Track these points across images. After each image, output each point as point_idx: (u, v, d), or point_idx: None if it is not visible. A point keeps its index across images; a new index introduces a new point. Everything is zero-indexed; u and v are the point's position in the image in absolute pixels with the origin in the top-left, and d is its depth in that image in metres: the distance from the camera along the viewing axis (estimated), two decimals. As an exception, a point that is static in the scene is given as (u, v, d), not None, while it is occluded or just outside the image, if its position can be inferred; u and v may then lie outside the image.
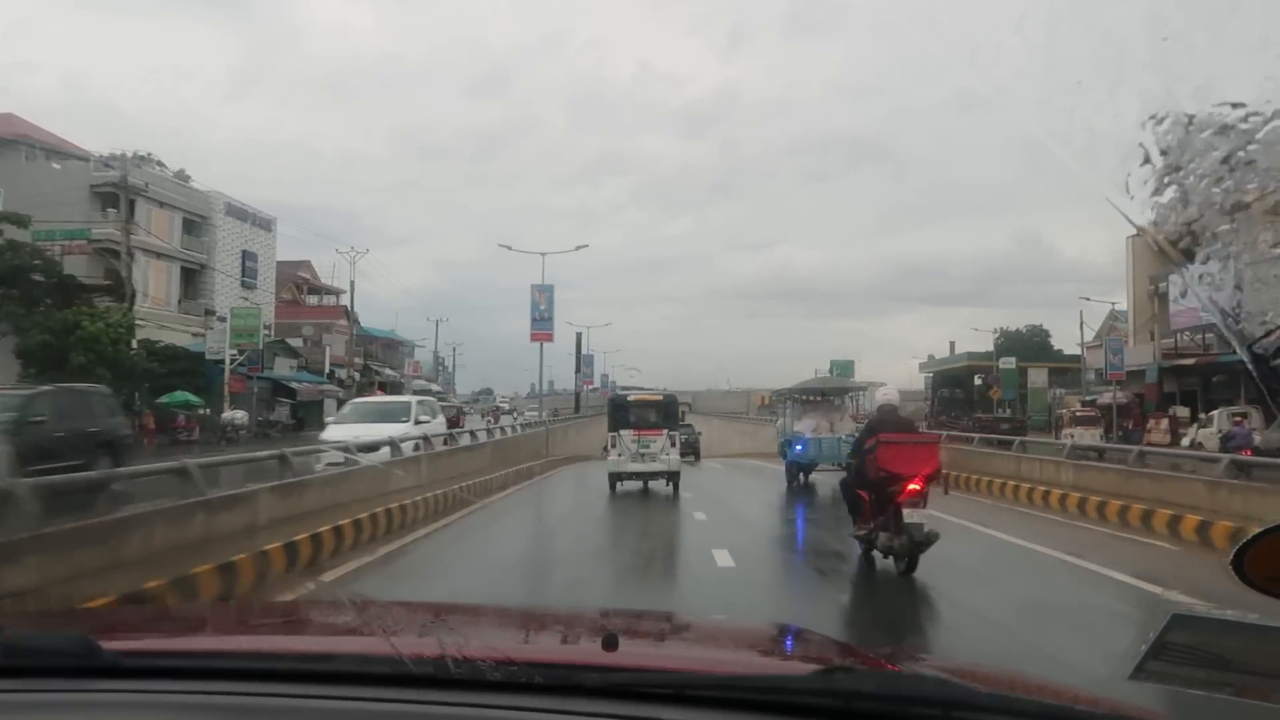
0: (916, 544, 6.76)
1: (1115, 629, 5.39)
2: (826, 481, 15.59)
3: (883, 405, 8.14)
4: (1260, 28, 1.04)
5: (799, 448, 16.59)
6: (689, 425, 32.01)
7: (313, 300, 52.19)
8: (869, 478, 7.23)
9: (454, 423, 31.87)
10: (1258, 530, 1.07)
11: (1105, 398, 32.70)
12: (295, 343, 41.50)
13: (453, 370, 74.52)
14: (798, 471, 16.76)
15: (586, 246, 40.96)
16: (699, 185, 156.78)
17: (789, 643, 2.10)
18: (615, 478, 15.00)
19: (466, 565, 8.26)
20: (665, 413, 15.80)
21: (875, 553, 7.23)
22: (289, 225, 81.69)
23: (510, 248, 38.08)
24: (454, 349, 70.93)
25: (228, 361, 30.83)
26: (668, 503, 14.04)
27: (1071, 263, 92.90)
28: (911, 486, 6.90)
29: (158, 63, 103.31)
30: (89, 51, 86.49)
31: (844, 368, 50.11)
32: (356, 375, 42.87)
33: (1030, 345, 48.86)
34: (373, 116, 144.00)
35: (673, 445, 15.10)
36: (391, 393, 45.55)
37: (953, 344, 57.79)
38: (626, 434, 15.10)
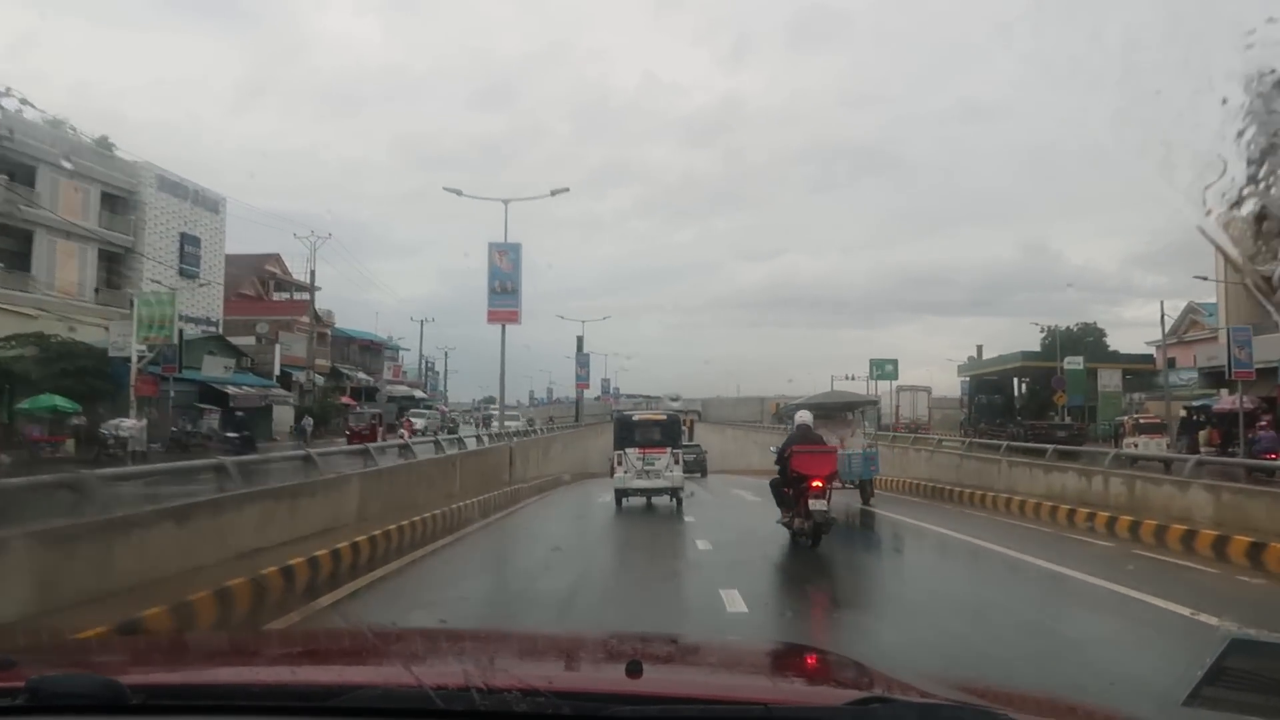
0: (819, 526, 9.94)
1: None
2: (837, 503, 12.97)
3: (800, 425, 11.37)
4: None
5: None
6: (696, 445, 34.07)
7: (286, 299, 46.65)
8: (789, 478, 10.31)
9: (366, 436, 26.59)
10: None
11: (1225, 401, 26.54)
12: (247, 341, 35.61)
13: (443, 375, 69.24)
14: None
15: (566, 190, 34.93)
16: (704, 195, 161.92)
17: (817, 667, 2.13)
18: (621, 494, 16.35)
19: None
20: (669, 431, 16.98)
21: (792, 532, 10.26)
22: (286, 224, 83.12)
23: (460, 192, 29.81)
24: (445, 353, 66.03)
25: (134, 359, 24.90)
26: (671, 521, 14.87)
27: (1077, 270, 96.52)
28: (815, 484, 10.00)
29: (164, 74, 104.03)
30: (96, 62, 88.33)
31: (883, 367, 46.82)
32: (318, 379, 37.29)
33: (1083, 345, 42.86)
34: (378, 127, 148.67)
35: (676, 462, 16.31)
36: (364, 400, 40.22)
37: (980, 347, 54.86)
38: (632, 452, 16.31)
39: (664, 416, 18.18)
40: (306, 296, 53.54)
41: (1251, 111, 1.07)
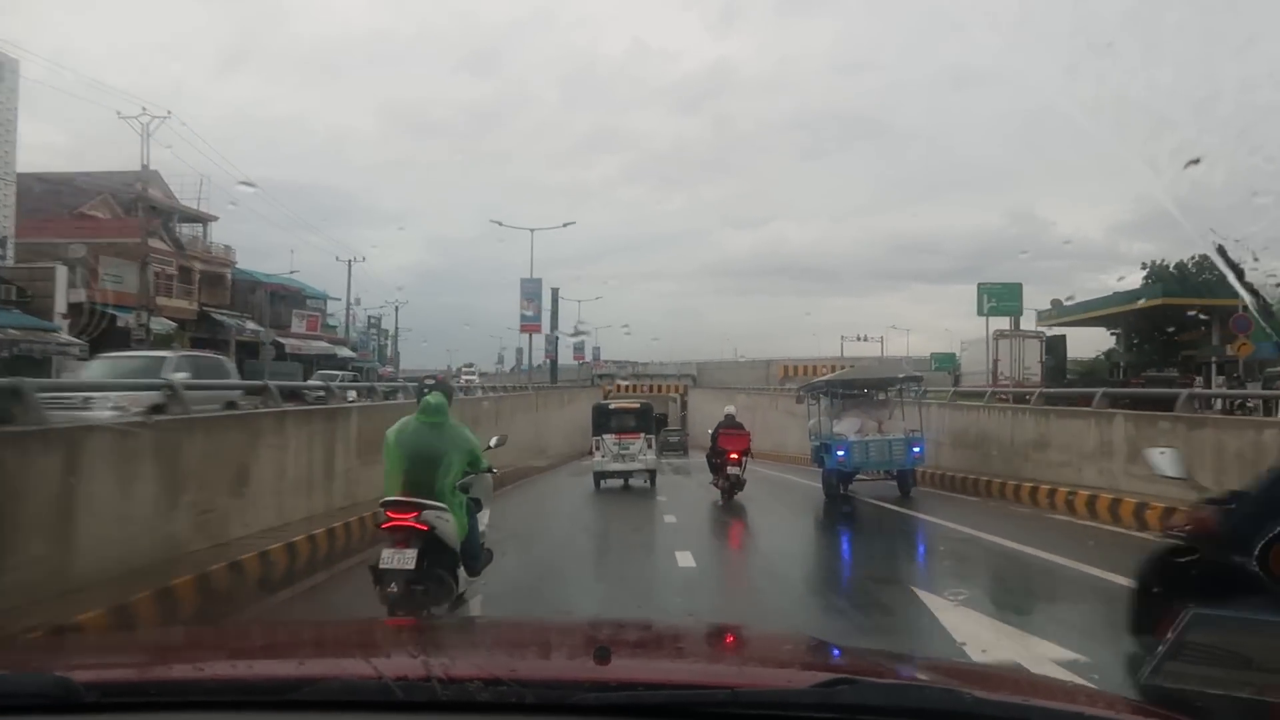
0: (732, 485, 15.75)
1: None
2: (871, 507, 15.25)
3: (727, 414, 17.20)
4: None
5: (841, 453, 15.92)
6: (679, 429, 42.58)
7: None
8: (716, 451, 16.42)
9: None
10: None
11: None
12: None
13: (393, 335, 61.34)
14: (837, 482, 16.29)
15: (574, 224, 43.33)
16: (692, 162, 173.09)
17: (785, 650, 2.27)
18: (600, 476, 19.16)
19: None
20: (643, 418, 19.55)
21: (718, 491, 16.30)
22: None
23: (501, 223, 44.54)
24: (396, 308, 58.50)
25: None
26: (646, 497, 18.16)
27: (1064, 238, 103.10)
28: (732, 456, 15.83)
29: (145, 39, 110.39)
30: (78, 27, 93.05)
31: (944, 361, 43.85)
32: (165, 325, 28.34)
33: (1206, 286, 32.48)
34: (363, 93, 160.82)
35: (649, 447, 19.08)
36: (250, 357, 31.27)
37: (1057, 301, 45.49)
38: (609, 438, 19.07)
39: (638, 405, 20.61)
40: (205, 232, 45.53)
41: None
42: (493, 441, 7.21)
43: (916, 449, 15.89)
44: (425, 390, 6.27)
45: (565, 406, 37.41)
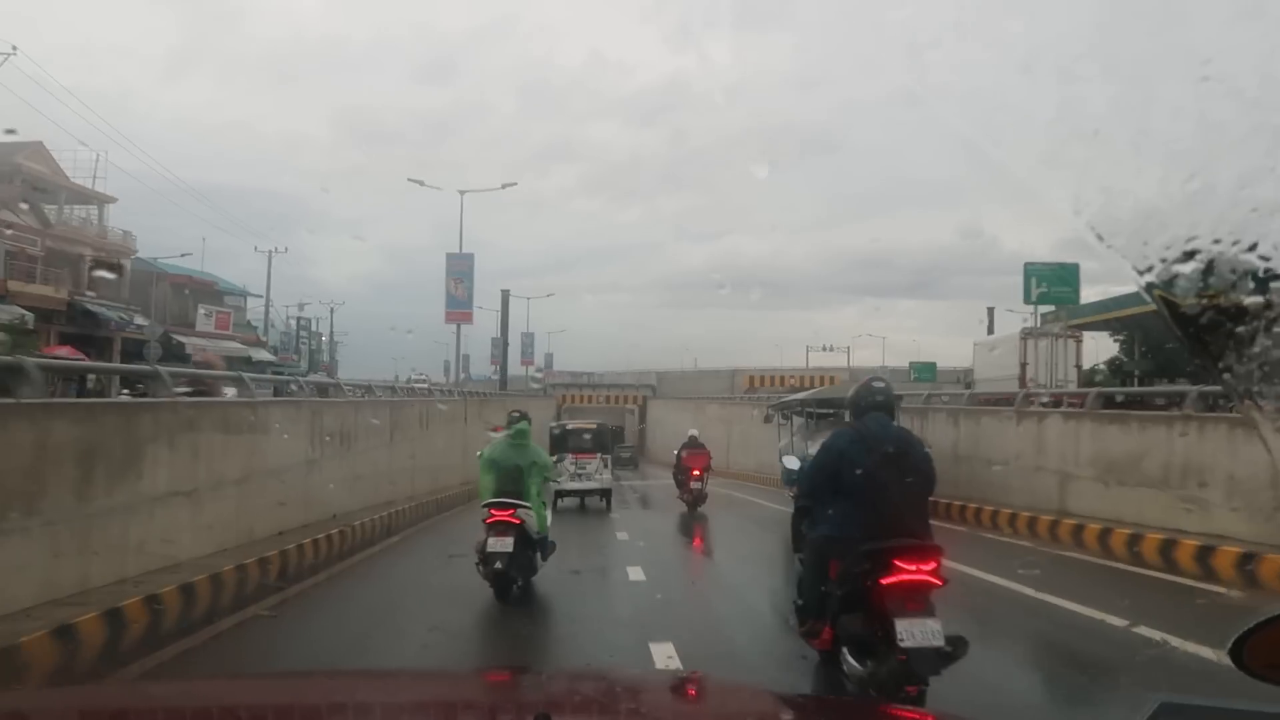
0: (696, 498, 18.12)
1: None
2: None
3: (691, 436, 19.49)
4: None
5: None
6: (630, 445, 43.88)
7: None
8: (680, 468, 19.10)
9: None
10: (1259, 620, 1.13)
11: None
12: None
13: (330, 340, 57.09)
14: None
15: (515, 185, 45.42)
16: (649, 175, 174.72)
17: (747, 709, 2.13)
18: (558, 495, 18.13)
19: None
20: (599, 438, 20.09)
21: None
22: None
23: (422, 183, 38.61)
24: (331, 310, 54.86)
25: None
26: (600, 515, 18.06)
27: (1012, 255, 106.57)
28: (694, 472, 18.27)
29: (92, 39, 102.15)
30: (18, 25, 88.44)
31: (924, 370, 43.31)
32: (9, 313, 23.55)
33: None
34: (317, 100, 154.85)
35: (605, 466, 19.57)
36: (131, 353, 26.66)
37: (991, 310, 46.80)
38: (567, 458, 18.99)
39: (594, 425, 20.93)
40: (100, 213, 40.58)
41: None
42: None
43: None
44: (515, 419, 8.77)
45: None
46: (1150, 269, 1.13)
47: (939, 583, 4.79)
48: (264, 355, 45.61)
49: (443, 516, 16.41)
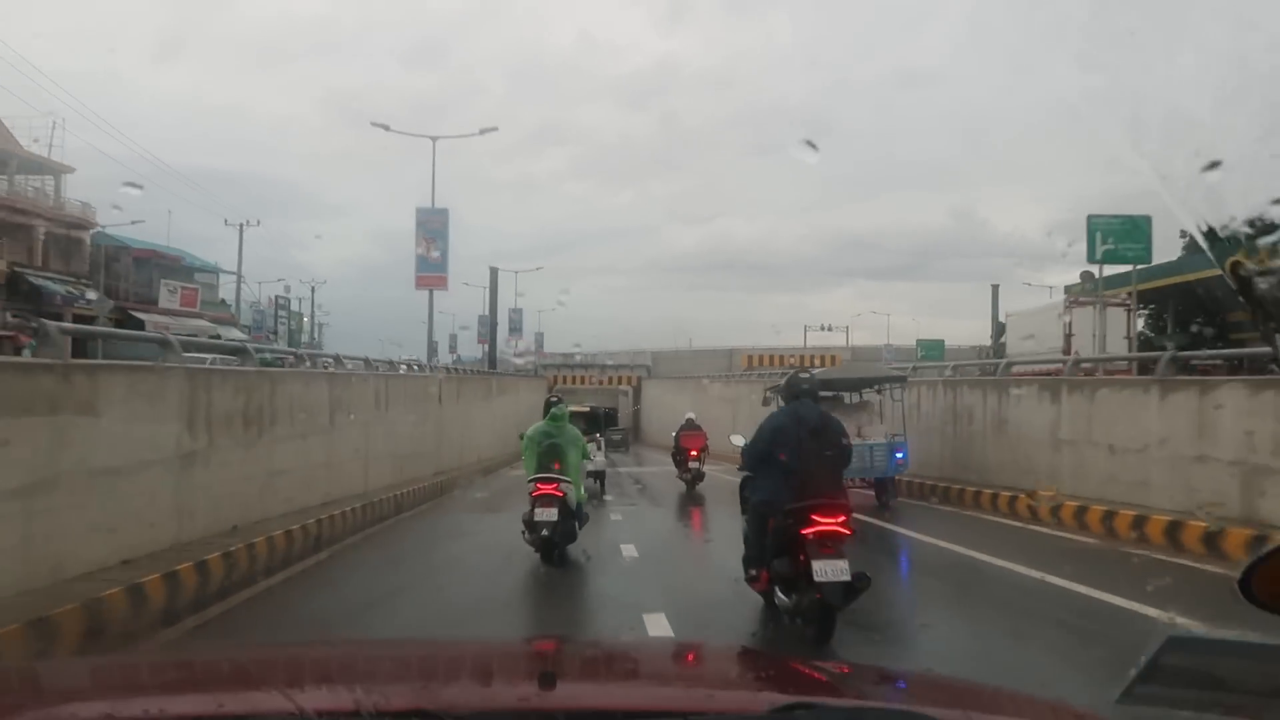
0: (694, 477, 18.39)
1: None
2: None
3: (688, 419, 19.68)
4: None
5: None
6: (621, 429, 37.69)
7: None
8: (679, 449, 19.28)
9: None
10: (1268, 549, 1.14)
11: None
12: None
13: (312, 319, 55.25)
14: None
15: (495, 130, 36.71)
16: (640, 157, 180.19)
17: (741, 671, 2.32)
18: None
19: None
20: (593, 422, 20.04)
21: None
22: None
23: (388, 127, 33.43)
24: (312, 288, 54.67)
25: None
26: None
27: (1005, 237, 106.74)
28: (692, 453, 18.66)
29: (79, 23, 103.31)
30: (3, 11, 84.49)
31: (932, 349, 42.28)
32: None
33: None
34: (307, 83, 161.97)
35: (599, 449, 18.43)
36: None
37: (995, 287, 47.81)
38: None
39: (588, 409, 21.42)
40: (54, 183, 38.15)
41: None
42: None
43: (899, 454, 14.99)
44: (553, 403, 9.79)
45: (495, 400, 30.10)
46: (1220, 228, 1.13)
47: (848, 532, 6.09)
48: (236, 334, 41.04)
49: (402, 519, 13.64)
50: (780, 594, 6.27)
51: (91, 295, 32.90)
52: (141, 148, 79.89)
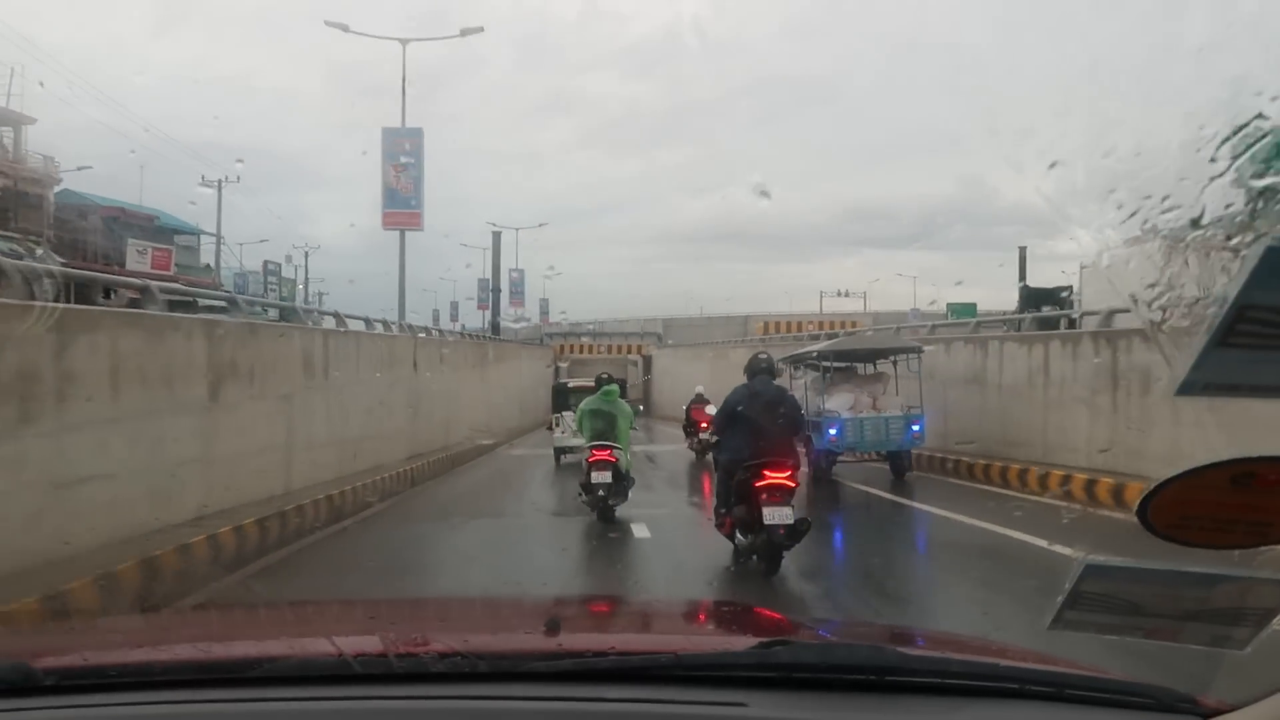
0: (705, 446, 15.18)
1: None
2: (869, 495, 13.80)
3: (697, 393, 20.19)
4: None
5: (833, 431, 15.18)
6: (631, 403, 29.77)
7: None
8: (690, 420, 19.62)
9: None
10: (1163, 479, 1.16)
11: None
12: None
13: (294, 276, 53.31)
14: (827, 464, 15.46)
15: (481, 30, 30.64)
16: (646, 127, 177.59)
17: (731, 620, 2.53)
18: (560, 451, 19.68)
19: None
20: None
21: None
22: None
23: (346, 28, 28.59)
24: (305, 254, 55.82)
25: None
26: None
27: (1012, 205, 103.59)
28: (702, 425, 17.14)
29: None
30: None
31: (964, 310, 38.37)
32: None
33: None
34: (311, 54, 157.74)
35: None
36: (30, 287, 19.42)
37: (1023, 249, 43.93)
38: (568, 414, 19.17)
39: (594, 383, 20.54)
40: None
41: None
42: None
43: (916, 427, 14.82)
44: (604, 381, 11.69)
45: (491, 369, 26.96)
46: None
47: (794, 484, 7.53)
48: (213, 301, 39.33)
49: (336, 530, 10.12)
50: (739, 535, 7.76)
51: (40, 254, 29.68)
52: (139, 116, 78.30)
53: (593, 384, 20.79)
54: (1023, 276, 48.50)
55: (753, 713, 1.34)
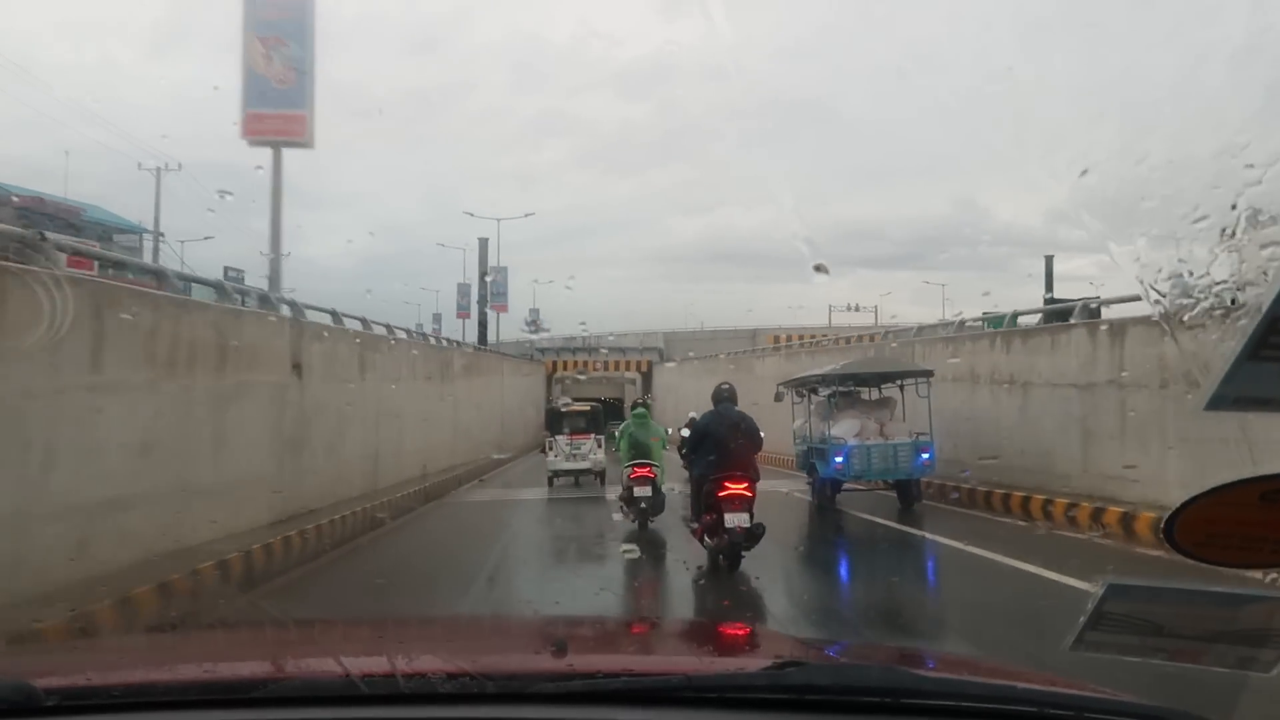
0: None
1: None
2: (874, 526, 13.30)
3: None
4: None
5: (839, 459, 14.68)
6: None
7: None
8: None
9: None
10: (1187, 499, 1.15)
11: None
12: None
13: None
14: (832, 493, 15.11)
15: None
16: (640, 148, 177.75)
17: (742, 641, 2.55)
18: (553, 474, 20.35)
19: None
20: (594, 420, 21.04)
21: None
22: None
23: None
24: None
25: None
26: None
27: (1005, 226, 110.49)
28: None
29: (77, 15, 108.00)
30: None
31: (998, 323, 33.09)
32: None
33: None
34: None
35: (599, 446, 20.23)
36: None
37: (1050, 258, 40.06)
38: (561, 438, 20.27)
39: (588, 407, 21.91)
40: None
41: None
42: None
43: (925, 455, 14.52)
44: (638, 404, 14.83)
45: (457, 385, 23.26)
46: None
47: (751, 495, 8.93)
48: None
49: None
50: (706, 539, 9.17)
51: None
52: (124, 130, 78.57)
53: (587, 407, 22.18)
54: (1049, 288, 47.50)
55: None
